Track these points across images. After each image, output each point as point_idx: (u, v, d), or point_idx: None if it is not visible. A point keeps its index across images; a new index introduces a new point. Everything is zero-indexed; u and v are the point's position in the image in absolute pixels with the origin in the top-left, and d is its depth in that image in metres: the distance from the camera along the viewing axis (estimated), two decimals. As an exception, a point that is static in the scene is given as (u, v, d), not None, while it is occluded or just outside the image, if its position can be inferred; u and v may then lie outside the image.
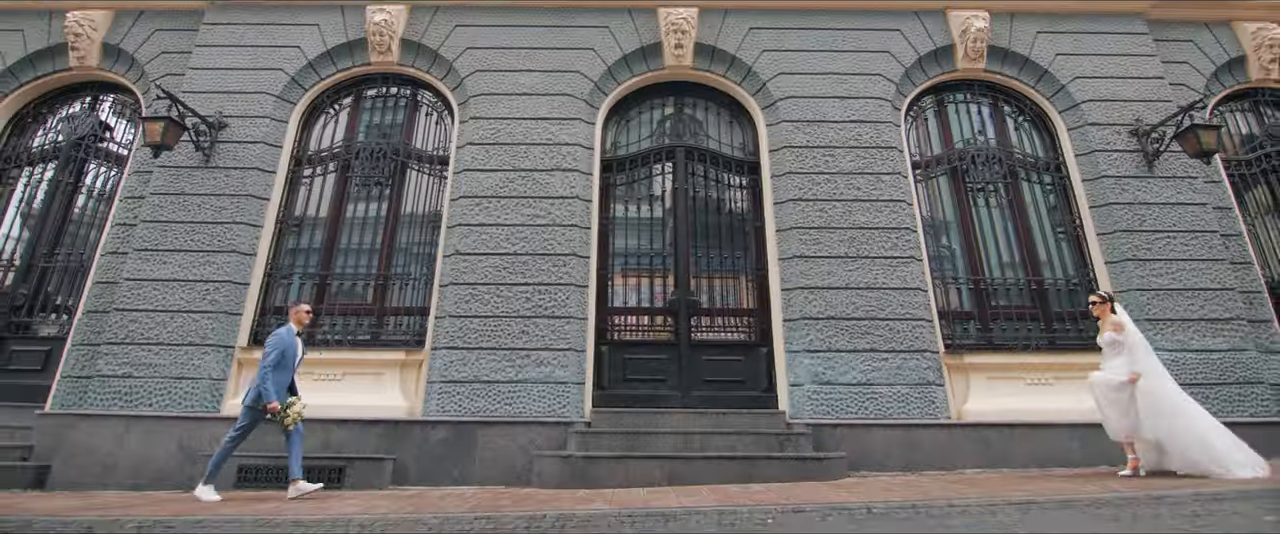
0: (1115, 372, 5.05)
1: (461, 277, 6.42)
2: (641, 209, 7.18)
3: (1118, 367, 5.04)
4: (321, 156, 7.30)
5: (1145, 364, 4.98)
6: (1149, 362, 4.99)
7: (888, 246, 6.59)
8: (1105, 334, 5.20)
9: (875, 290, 6.42)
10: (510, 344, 6.18)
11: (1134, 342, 5.03)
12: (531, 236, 6.58)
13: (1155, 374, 4.96)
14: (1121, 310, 5.27)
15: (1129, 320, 5.16)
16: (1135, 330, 5.11)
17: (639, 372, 6.49)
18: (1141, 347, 5.03)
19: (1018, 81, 7.59)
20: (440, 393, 6.03)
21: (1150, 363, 5.00)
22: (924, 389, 6.08)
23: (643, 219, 7.15)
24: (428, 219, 7.00)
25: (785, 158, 6.99)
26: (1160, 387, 4.92)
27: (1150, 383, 4.92)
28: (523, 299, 6.34)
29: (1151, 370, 4.96)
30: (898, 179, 6.88)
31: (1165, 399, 4.87)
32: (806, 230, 6.64)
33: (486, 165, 6.89)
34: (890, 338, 6.25)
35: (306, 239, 6.97)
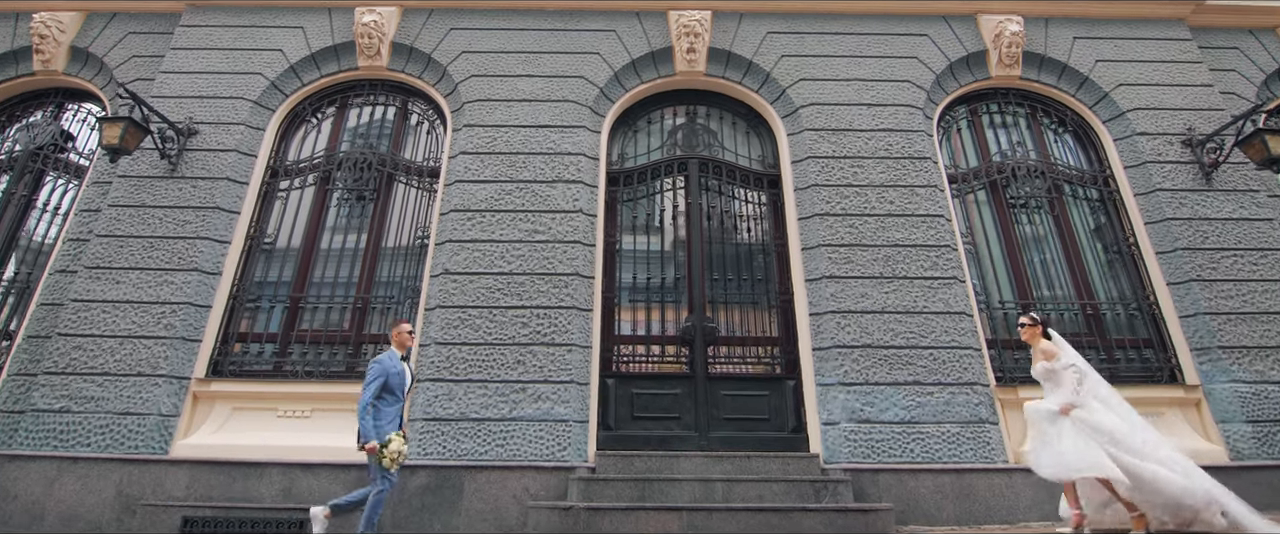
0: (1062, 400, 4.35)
1: (450, 298, 5.71)
2: (651, 226, 6.52)
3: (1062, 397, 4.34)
4: (300, 168, 6.65)
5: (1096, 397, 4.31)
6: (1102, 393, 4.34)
7: (927, 266, 5.91)
8: (1038, 364, 4.50)
9: (915, 314, 5.71)
10: (504, 376, 5.43)
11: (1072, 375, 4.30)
12: (529, 254, 5.90)
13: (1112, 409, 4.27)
14: (1058, 336, 4.58)
15: (1067, 347, 4.50)
16: (1077, 358, 4.42)
17: (649, 408, 5.73)
18: (1091, 378, 4.36)
19: (1057, 89, 7.03)
20: (422, 432, 5.25)
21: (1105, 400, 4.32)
22: (976, 428, 5.33)
23: (652, 237, 6.48)
24: (415, 237, 6.31)
25: (809, 169, 6.36)
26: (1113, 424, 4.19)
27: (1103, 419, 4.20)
28: (519, 324, 5.62)
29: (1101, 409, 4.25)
30: (934, 192, 6.24)
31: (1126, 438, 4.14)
32: (836, 248, 5.96)
33: (481, 176, 6.25)
34: (935, 369, 5.51)
35: (279, 259, 6.27)
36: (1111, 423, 4.16)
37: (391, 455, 4.17)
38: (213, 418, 5.50)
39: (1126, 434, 4.12)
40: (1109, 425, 4.14)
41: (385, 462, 4.17)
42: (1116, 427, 4.15)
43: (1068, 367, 4.29)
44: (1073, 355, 4.40)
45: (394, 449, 4.19)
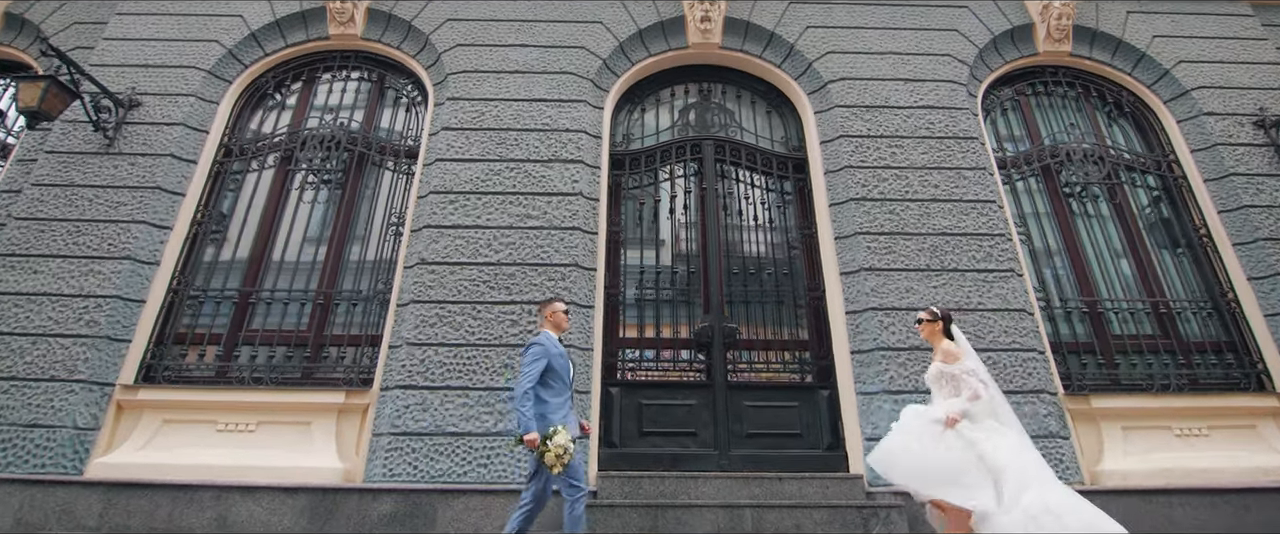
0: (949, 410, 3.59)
1: (426, 292, 4.86)
2: (661, 214, 5.71)
3: (953, 405, 3.59)
4: (258, 146, 5.82)
5: (995, 415, 3.58)
6: (1002, 414, 3.61)
7: (979, 256, 5.13)
8: (934, 366, 3.80)
9: (970, 312, 4.91)
10: (489, 382, 4.57)
11: (972, 383, 3.58)
12: (521, 242, 5.07)
13: (1002, 433, 3.49)
14: (961, 336, 3.86)
15: (970, 350, 3.79)
16: (980, 366, 3.71)
17: (661, 422, 4.87)
18: (993, 391, 3.63)
19: (1111, 67, 6.34)
20: (389, 450, 4.37)
21: (999, 415, 3.59)
22: (1046, 443, 4.50)
23: (662, 226, 5.68)
24: (388, 224, 5.48)
25: (841, 149, 5.60)
26: (1009, 450, 3.40)
27: (997, 441, 3.43)
28: (507, 322, 4.78)
29: (996, 427, 3.52)
30: (982, 175, 5.49)
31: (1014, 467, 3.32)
32: (875, 236, 5.17)
33: (466, 154, 5.44)
34: (995, 373, 4.66)
35: (230, 248, 5.41)
36: (1007, 447, 3.39)
37: (557, 450, 3.39)
38: (139, 432, 4.60)
39: (1020, 467, 3.32)
40: (1002, 449, 3.38)
41: (548, 458, 3.38)
42: (1011, 454, 3.38)
43: (969, 372, 3.61)
44: (975, 362, 3.72)
45: (560, 443, 3.39)
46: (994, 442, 3.43)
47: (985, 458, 3.37)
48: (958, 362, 3.70)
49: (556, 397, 3.64)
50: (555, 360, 3.69)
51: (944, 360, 3.74)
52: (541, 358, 3.64)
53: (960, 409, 3.54)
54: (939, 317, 3.90)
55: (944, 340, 3.83)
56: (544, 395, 3.61)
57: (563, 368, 3.73)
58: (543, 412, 3.56)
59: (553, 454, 3.38)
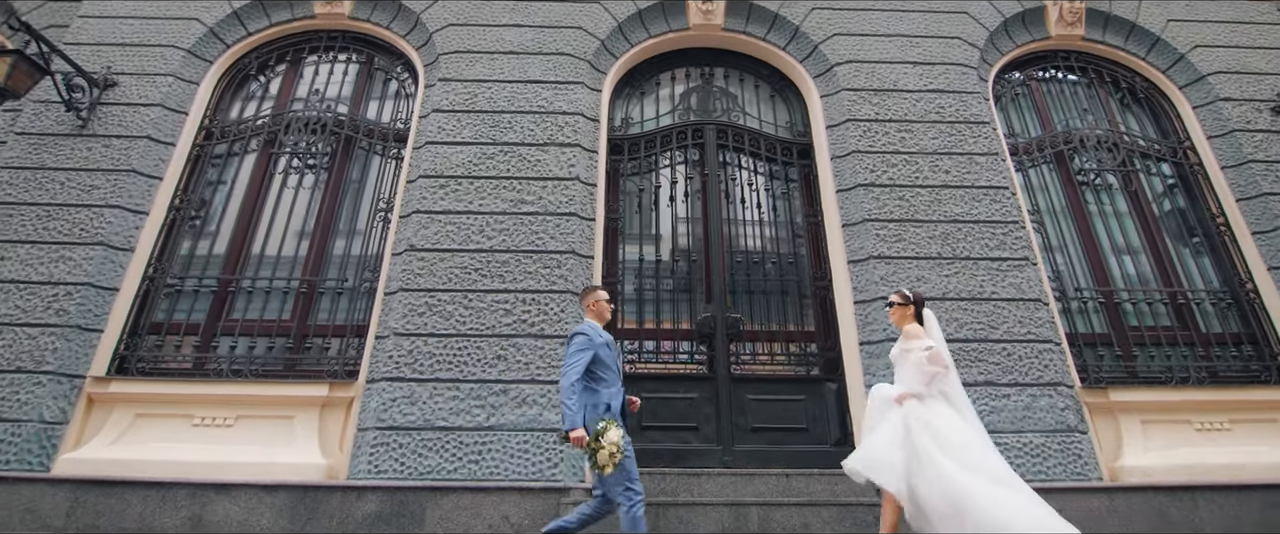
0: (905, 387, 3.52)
1: (415, 280, 4.63)
2: (661, 200, 5.50)
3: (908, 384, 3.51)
4: (240, 129, 5.57)
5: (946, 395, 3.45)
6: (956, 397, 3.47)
7: (992, 244, 4.93)
8: (894, 349, 3.71)
9: (983, 302, 4.72)
10: (480, 374, 4.34)
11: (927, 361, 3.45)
12: (515, 228, 4.84)
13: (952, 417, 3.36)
14: (934, 321, 3.69)
15: (938, 333, 3.63)
16: (943, 347, 3.55)
17: (660, 416, 4.65)
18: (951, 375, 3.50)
19: (1124, 52, 6.15)
20: (376, 445, 4.14)
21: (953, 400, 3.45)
22: (1064, 438, 4.31)
23: (662, 213, 5.46)
24: (376, 210, 5.24)
25: (849, 134, 5.39)
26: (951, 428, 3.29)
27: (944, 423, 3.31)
28: (501, 311, 4.55)
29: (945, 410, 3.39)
30: (995, 161, 5.29)
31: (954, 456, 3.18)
32: (884, 224, 4.97)
33: (458, 137, 5.21)
34: (1010, 366, 4.51)
35: (210, 235, 5.16)
36: (949, 426, 3.28)
37: (610, 447, 3.12)
38: (111, 426, 4.35)
39: (961, 446, 3.20)
40: (946, 428, 3.27)
41: (600, 458, 3.12)
42: (955, 432, 3.26)
43: (926, 348, 3.48)
44: (939, 342, 3.57)
45: (613, 440, 3.13)
46: (945, 421, 3.29)
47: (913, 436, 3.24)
48: (917, 340, 3.56)
49: (608, 388, 3.43)
50: (602, 351, 3.48)
51: (905, 344, 3.60)
52: (587, 348, 3.41)
53: (911, 388, 3.43)
54: (911, 300, 3.73)
55: (913, 324, 3.68)
56: (595, 388, 3.40)
57: (611, 358, 3.52)
58: (596, 403, 3.35)
59: (606, 452, 3.11)
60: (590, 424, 3.24)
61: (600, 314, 3.70)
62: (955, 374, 3.55)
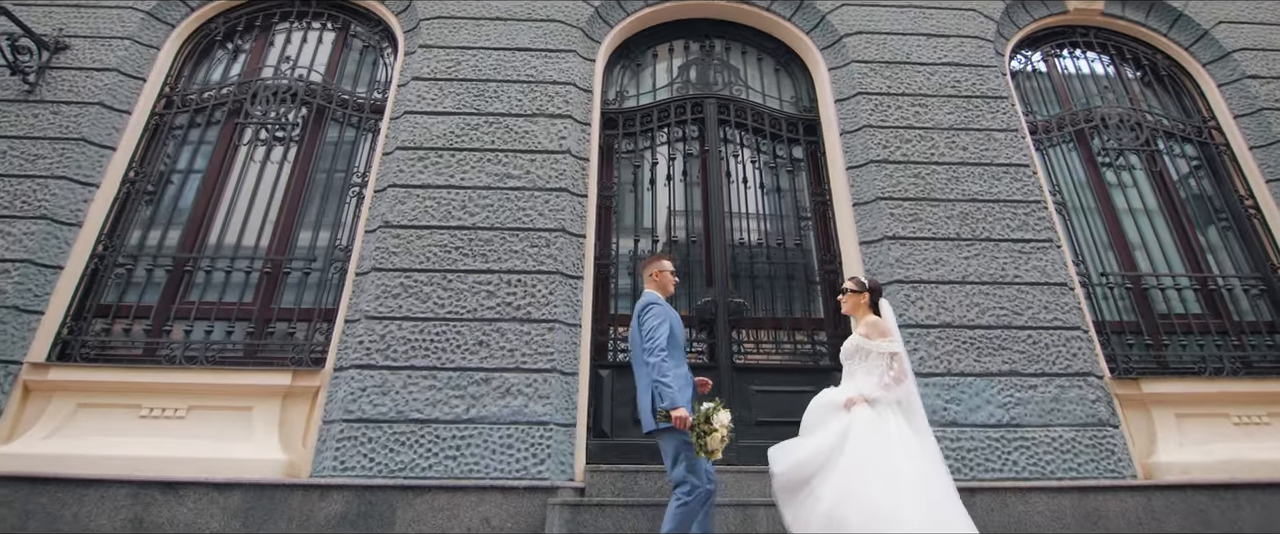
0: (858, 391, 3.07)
1: (389, 259, 4.23)
2: (658, 177, 5.12)
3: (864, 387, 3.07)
4: (203, 98, 5.15)
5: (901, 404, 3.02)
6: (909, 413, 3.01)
7: (1014, 225, 4.60)
8: (851, 339, 3.25)
9: (1005, 286, 4.38)
10: (460, 361, 3.95)
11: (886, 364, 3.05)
12: (500, 204, 4.46)
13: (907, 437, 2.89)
14: (891, 314, 3.27)
15: (895, 327, 3.21)
16: (903, 349, 3.11)
17: (657, 407, 4.27)
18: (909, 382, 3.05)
19: (1145, 28, 5.85)
20: (342, 439, 3.73)
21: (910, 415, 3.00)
22: (1095, 432, 3.97)
23: (659, 191, 5.09)
24: (350, 186, 4.83)
25: (860, 107, 5.04)
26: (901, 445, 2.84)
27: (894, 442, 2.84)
28: (483, 293, 4.16)
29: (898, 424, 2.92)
30: (1014, 138, 4.96)
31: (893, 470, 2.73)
32: (899, 202, 4.62)
33: (439, 107, 4.82)
34: (1035, 355, 4.17)
35: (168, 211, 4.74)
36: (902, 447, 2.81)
37: (723, 431, 2.80)
38: (48, 417, 3.91)
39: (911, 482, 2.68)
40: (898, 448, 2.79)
41: (711, 442, 2.80)
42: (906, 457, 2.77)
43: (892, 354, 3.08)
44: (899, 344, 3.14)
45: (724, 422, 2.80)
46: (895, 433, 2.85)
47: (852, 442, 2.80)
48: (880, 340, 3.14)
49: (678, 368, 3.07)
50: (675, 326, 3.15)
51: (866, 334, 3.18)
52: (664, 319, 3.09)
53: (868, 392, 2.99)
54: (867, 287, 3.37)
55: (869, 313, 3.30)
56: (675, 361, 3.06)
57: (680, 333, 3.21)
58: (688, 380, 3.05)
59: (717, 436, 2.79)
60: (687, 401, 2.92)
61: (664, 286, 3.36)
62: (914, 384, 3.11)
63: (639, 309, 3.19)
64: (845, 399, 3.02)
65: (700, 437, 2.80)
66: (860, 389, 3.04)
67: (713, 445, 2.77)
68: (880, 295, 3.37)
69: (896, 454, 2.78)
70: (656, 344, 3.01)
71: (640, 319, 3.15)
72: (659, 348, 3.00)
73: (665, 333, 3.03)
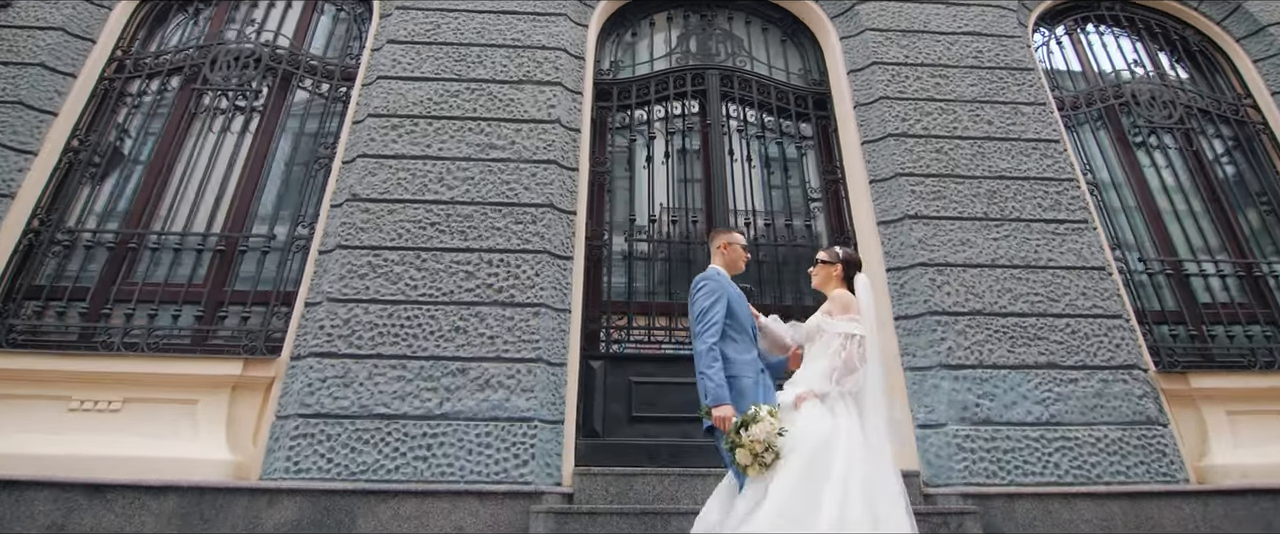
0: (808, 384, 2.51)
1: (357, 236, 3.79)
2: (656, 153, 4.71)
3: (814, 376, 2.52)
4: (159, 62, 4.70)
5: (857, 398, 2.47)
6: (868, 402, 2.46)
7: (1047, 204, 4.20)
8: (812, 318, 2.69)
9: (1039, 269, 3.98)
10: (433, 349, 3.51)
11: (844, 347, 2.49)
12: (482, 177, 4.02)
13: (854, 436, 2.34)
14: (867, 292, 2.67)
15: (870, 314, 2.61)
16: (871, 335, 2.55)
17: (657, 405, 3.84)
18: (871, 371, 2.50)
19: (1174, 1, 5.48)
20: (297, 436, 3.28)
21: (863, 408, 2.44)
22: (1144, 432, 3.57)
23: (657, 168, 4.67)
24: (317, 157, 4.38)
25: (875, 78, 4.64)
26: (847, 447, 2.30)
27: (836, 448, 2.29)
28: (461, 274, 3.72)
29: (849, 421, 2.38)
30: (1042, 112, 4.58)
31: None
32: (921, 179, 4.22)
33: (417, 72, 4.39)
34: (1075, 345, 3.76)
35: (117, 184, 4.28)
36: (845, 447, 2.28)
37: (754, 445, 2.24)
38: (-38, 412, 3.45)
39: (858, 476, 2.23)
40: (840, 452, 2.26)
41: (740, 457, 2.26)
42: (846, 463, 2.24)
43: (847, 336, 2.51)
44: (861, 326, 2.56)
45: (759, 435, 2.23)
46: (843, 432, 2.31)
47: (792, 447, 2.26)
48: (845, 316, 2.56)
49: (743, 354, 2.57)
50: (736, 303, 2.65)
51: (828, 311, 2.64)
52: (719, 296, 2.60)
53: (814, 385, 2.44)
54: (841, 259, 2.82)
55: (840, 290, 2.70)
56: (727, 352, 2.55)
57: (745, 314, 2.69)
58: (732, 377, 2.49)
59: (747, 451, 2.24)
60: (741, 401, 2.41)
61: (732, 262, 2.86)
62: (876, 372, 2.50)
63: (694, 288, 2.73)
64: (794, 396, 2.46)
65: (731, 449, 2.31)
66: (809, 381, 2.50)
67: (742, 460, 2.26)
68: (858, 270, 2.79)
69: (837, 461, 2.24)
70: (708, 325, 2.54)
71: (692, 298, 2.69)
72: (710, 330, 2.52)
73: (720, 312, 2.55)
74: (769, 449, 2.27)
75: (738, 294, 2.71)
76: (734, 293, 2.69)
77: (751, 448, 2.27)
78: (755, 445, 2.26)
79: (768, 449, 2.26)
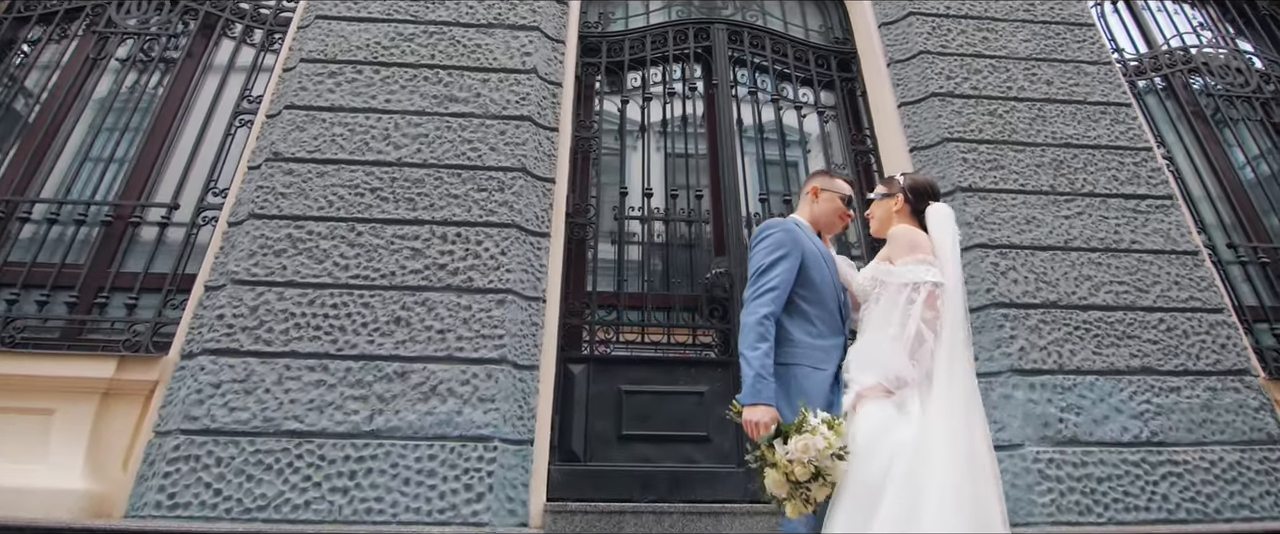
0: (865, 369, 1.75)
1: (275, 203, 3.00)
2: (651, 121, 3.96)
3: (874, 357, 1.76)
4: (54, 3, 3.91)
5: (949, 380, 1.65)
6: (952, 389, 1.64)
7: (1123, 177, 3.49)
8: (866, 269, 1.98)
9: (1121, 253, 3.25)
10: (365, 347, 2.71)
11: (910, 308, 1.73)
12: (438, 134, 3.25)
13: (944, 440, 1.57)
14: (944, 214, 1.92)
15: (950, 239, 1.84)
16: (934, 273, 1.76)
17: (653, 420, 3.06)
18: (958, 337, 1.70)
19: (1243, -41, 4.85)
20: (176, 459, 2.46)
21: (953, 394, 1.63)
22: (1265, 454, 2.83)
23: (654, 137, 3.92)
24: (238, 114, 3.60)
25: (913, 31, 3.93)
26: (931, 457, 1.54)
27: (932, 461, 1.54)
28: (406, 251, 2.94)
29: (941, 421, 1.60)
30: (1107, 71, 3.88)
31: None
32: (973, 145, 3.50)
33: (363, 12, 3.62)
34: (1172, 345, 3.03)
35: None
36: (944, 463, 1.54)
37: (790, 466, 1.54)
38: None
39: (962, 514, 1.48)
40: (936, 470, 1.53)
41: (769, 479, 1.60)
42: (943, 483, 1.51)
43: (910, 286, 1.76)
44: (936, 271, 1.77)
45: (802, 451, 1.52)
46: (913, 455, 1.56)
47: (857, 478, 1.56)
48: (911, 256, 1.79)
49: (816, 338, 1.84)
50: (815, 266, 1.90)
51: (887, 256, 1.89)
52: (787, 251, 1.86)
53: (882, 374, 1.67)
54: (903, 188, 2.03)
55: (906, 228, 1.91)
56: (794, 332, 1.82)
57: (824, 281, 1.91)
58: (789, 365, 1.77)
59: (780, 474, 1.55)
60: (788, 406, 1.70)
61: (826, 217, 2.08)
62: (963, 336, 1.71)
63: (755, 237, 1.98)
64: (851, 395, 1.71)
65: (758, 466, 1.59)
66: (867, 364, 1.72)
67: (772, 483, 1.56)
68: (933, 199, 1.98)
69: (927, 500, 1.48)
70: (763, 290, 1.79)
71: (751, 250, 1.95)
72: (764, 298, 1.78)
73: (784, 275, 1.80)
74: (818, 477, 1.54)
75: (822, 255, 1.96)
76: (815, 252, 1.93)
77: (787, 470, 1.55)
78: (795, 467, 1.54)
79: (816, 477, 1.53)
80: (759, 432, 1.66)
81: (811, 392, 1.73)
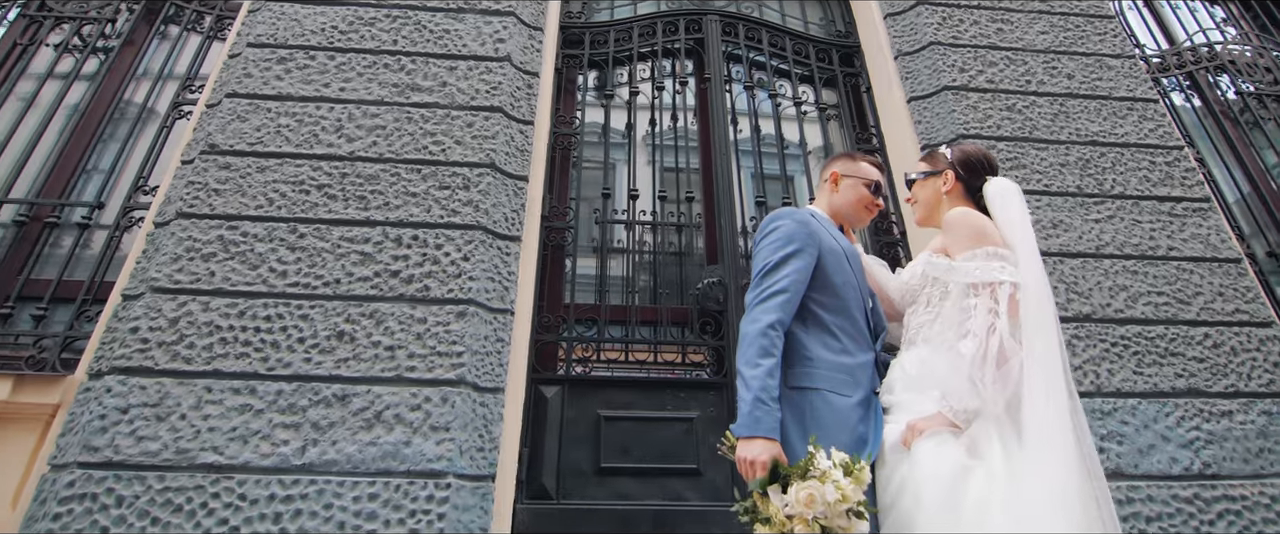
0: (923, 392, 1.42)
1: (207, 200, 2.64)
2: (637, 117, 3.64)
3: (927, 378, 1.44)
4: (-18, -15, 3.58)
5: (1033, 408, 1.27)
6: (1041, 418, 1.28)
7: (1155, 178, 3.18)
8: (912, 265, 1.69)
9: (1159, 261, 2.93)
10: (299, 367, 2.34)
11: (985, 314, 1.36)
12: (397, 126, 2.91)
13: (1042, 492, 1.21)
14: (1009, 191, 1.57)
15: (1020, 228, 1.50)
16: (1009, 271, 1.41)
17: (636, 450, 2.69)
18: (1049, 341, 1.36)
19: (1265, -48, 4.60)
20: (70, 499, 2.08)
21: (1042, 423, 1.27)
22: (1332, 491, 2.49)
23: (640, 135, 3.60)
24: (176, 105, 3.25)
25: (921, 21, 3.64)
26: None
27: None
28: (354, 257, 2.58)
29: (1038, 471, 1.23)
30: (1131, 66, 3.59)
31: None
32: (991, 142, 3.18)
33: (318, -5, 3.30)
34: (1219, 364, 2.70)
35: (-102, 137, 3.11)
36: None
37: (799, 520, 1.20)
38: None
39: None
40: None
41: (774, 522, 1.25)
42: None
43: (988, 287, 1.41)
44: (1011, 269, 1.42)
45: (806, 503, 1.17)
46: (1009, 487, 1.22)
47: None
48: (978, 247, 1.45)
49: (838, 354, 1.51)
50: (835, 266, 1.58)
51: (942, 248, 1.57)
52: (799, 248, 1.54)
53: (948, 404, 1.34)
54: (952, 163, 1.69)
55: (958, 211, 1.58)
56: (810, 348, 1.49)
57: (847, 284, 1.59)
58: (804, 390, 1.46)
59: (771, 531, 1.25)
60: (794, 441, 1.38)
61: (850, 208, 1.76)
62: (1055, 346, 1.39)
63: (762, 230, 1.66)
64: (904, 430, 1.37)
65: (747, 515, 1.28)
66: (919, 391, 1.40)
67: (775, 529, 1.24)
68: (991, 173, 1.63)
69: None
70: (768, 293, 1.48)
71: (756, 245, 1.65)
72: (769, 303, 1.46)
73: (795, 275, 1.48)
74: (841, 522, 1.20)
75: (845, 252, 1.62)
76: (835, 249, 1.59)
77: (783, 527, 1.23)
78: (795, 525, 1.21)
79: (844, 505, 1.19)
80: (755, 473, 1.32)
81: (832, 424, 1.38)
